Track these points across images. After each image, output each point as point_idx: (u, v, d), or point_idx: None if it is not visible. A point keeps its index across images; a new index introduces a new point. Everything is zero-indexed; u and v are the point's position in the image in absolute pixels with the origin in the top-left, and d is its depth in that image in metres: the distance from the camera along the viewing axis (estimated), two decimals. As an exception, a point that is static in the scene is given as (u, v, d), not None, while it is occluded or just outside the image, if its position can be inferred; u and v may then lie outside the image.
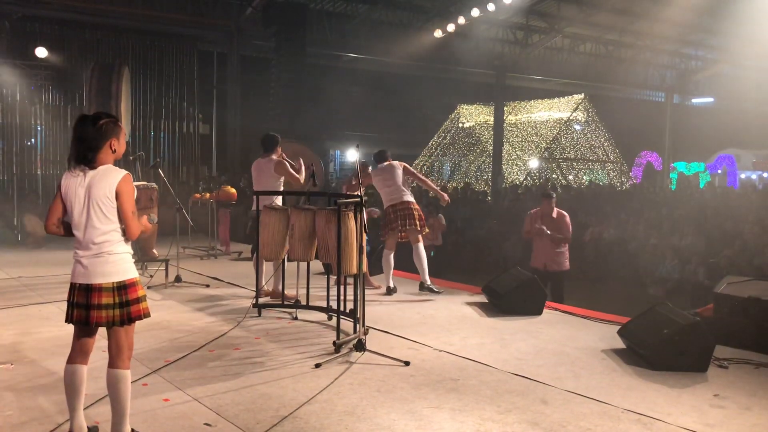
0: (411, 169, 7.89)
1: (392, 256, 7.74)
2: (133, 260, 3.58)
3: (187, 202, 11.03)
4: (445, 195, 8.49)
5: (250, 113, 17.82)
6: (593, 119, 26.26)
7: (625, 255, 12.95)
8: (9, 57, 13.33)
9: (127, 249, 3.53)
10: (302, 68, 16.50)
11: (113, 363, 3.49)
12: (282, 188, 7.32)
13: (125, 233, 3.49)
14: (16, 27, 14.07)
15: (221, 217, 11.20)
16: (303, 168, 7.17)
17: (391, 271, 7.73)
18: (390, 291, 7.63)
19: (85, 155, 3.43)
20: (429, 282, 7.67)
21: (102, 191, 3.41)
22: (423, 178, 8.46)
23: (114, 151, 3.51)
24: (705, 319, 5.59)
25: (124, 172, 3.45)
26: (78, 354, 3.53)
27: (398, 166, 7.69)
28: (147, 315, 3.57)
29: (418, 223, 7.48)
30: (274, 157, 7.24)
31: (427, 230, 7.84)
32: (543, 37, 22.49)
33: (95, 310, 3.40)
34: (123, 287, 3.45)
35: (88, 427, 3.58)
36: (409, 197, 7.63)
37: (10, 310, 6.61)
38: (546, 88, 26.89)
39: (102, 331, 3.56)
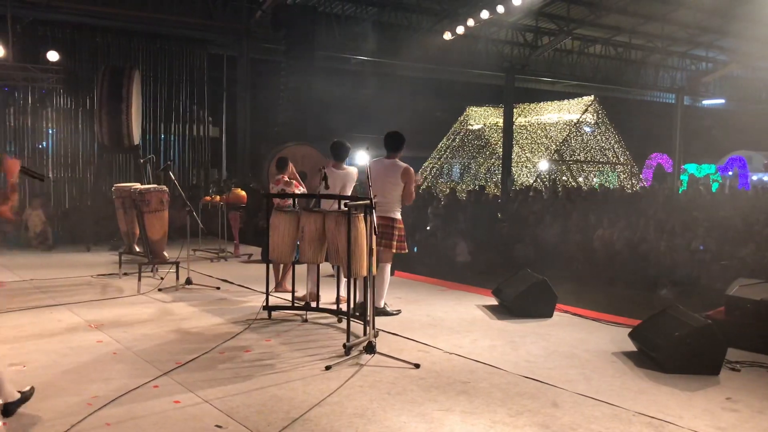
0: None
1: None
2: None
3: (198, 204, 11.08)
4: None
5: (260, 116, 17.85)
6: (603, 121, 26.17)
7: (635, 257, 12.87)
8: (20, 60, 13.40)
9: None
10: (311, 71, 16.51)
11: None
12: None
13: None
14: (28, 31, 14.15)
15: (232, 220, 11.24)
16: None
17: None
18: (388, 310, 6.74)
19: None
20: (383, 305, 6.72)
21: None
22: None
23: None
24: (717, 321, 5.55)
25: None
26: None
27: (409, 175, 6.63)
28: None
29: (395, 244, 6.53)
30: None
31: (405, 251, 6.72)
32: (552, 39, 22.45)
33: None
34: None
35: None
36: (399, 213, 6.65)
37: (23, 312, 6.66)
38: (555, 90, 26.84)
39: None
